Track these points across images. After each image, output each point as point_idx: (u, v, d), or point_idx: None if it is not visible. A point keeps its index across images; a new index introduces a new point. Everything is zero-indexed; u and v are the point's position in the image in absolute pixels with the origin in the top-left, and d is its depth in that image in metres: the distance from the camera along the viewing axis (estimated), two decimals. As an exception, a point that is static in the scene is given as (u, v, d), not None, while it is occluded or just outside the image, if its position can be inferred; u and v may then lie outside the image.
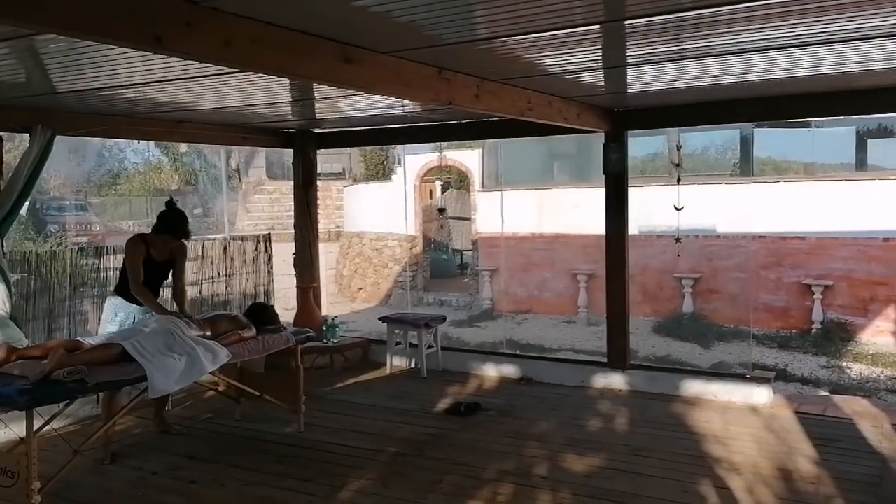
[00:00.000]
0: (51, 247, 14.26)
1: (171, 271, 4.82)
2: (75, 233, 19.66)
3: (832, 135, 14.13)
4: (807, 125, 13.07)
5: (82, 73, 3.74)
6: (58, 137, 4.94)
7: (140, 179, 26.51)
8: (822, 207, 11.37)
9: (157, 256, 4.66)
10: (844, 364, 9.93)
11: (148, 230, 4.94)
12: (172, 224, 4.62)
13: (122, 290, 4.64)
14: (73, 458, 3.81)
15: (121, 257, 5.99)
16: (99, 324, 4.91)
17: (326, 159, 22.69)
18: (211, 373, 4.41)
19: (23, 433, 3.50)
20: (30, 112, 4.80)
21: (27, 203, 7.07)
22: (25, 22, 2.15)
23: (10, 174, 4.83)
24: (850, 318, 11.11)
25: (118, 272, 4.98)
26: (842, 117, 11.49)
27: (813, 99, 4.91)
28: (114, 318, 4.60)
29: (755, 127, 13.36)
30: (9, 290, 4.83)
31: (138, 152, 25.87)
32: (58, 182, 23.69)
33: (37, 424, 3.50)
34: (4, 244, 4.85)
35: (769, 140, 14.63)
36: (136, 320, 4.55)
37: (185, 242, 4.87)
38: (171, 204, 4.72)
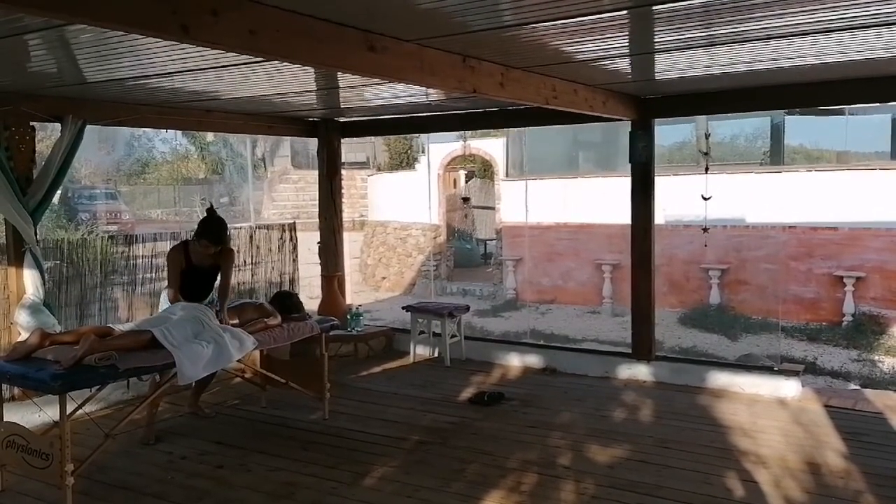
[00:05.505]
0: (82, 235, 14.53)
1: (218, 274, 4.79)
2: (105, 221, 19.98)
3: (867, 122, 13.75)
4: (840, 113, 12.74)
5: (112, 62, 3.79)
6: (88, 127, 5.03)
7: (168, 169, 26.83)
8: (855, 197, 11.09)
9: (198, 262, 4.67)
10: (876, 357, 9.72)
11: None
12: (211, 231, 4.63)
13: None
14: (104, 442, 3.89)
15: (150, 245, 6.13)
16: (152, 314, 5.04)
17: (351, 148, 22.74)
18: (238, 360, 4.47)
19: (56, 417, 3.59)
20: (61, 102, 4.89)
21: (59, 191, 7.21)
22: (56, 12, 2.18)
23: (43, 163, 4.93)
24: (882, 310, 10.85)
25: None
26: (877, 104, 11.21)
27: (847, 85, 4.78)
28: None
29: (786, 114, 13.07)
30: (42, 276, 4.94)
31: (166, 141, 26.18)
32: (88, 171, 24.11)
33: (70, 408, 3.58)
34: (38, 232, 4.95)
35: (801, 128, 14.29)
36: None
37: (212, 248, 4.78)
38: (211, 211, 4.75)
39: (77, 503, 3.56)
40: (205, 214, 4.76)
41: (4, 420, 3.85)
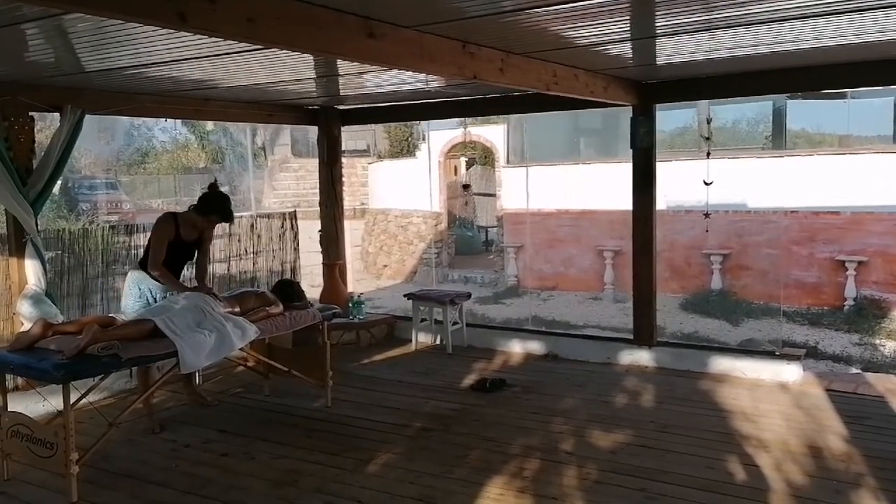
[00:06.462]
0: (83, 225, 14.52)
1: (196, 250, 4.84)
2: (106, 211, 20.02)
3: (869, 106, 13.69)
4: (842, 96, 12.67)
5: (110, 51, 3.77)
6: (87, 116, 5.01)
7: (168, 158, 26.81)
8: (857, 181, 11.05)
9: (185, 236, 4.67)
10: (877, 341, 9.74)
11: (176, 208, 5.00)
12: (214, 207, 4.62)
13: (145, 265, 4.67)
14: (108, 431, 3.91)
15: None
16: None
17: (351, 136, 22.71)
18: (240, 348, 4.48)
19: (60, 406, 3.60)
20: (59, 91, 4.87)
21: (59, 182, 7.21)
22: (53, 1, 2.17)
23: (43, 153, 4.92)
24: (884, 294, 10.85)
25: (144, 248, 5.03)
26: (879, 88, 11.13)
27: (849, 69, 4.75)
28: (138, 293, 4.64)
29: (788, 98, 13.00)
30: (44, 267, 4.95)
31: (166, 131, 26.17)
32: (88, 161, 24.09)
33: (73, 398, 3.59)
34: (39, 222, 4.95)
35: (803, 112, 14.23)
36: (154, 294, 4.60)
37: (219, 223, 4.81)
38: (214, 186, 4.72)
39: (82, 491, 3.59)
40: (206, 190, 4.71)
41: (9, 410, 3.87)
